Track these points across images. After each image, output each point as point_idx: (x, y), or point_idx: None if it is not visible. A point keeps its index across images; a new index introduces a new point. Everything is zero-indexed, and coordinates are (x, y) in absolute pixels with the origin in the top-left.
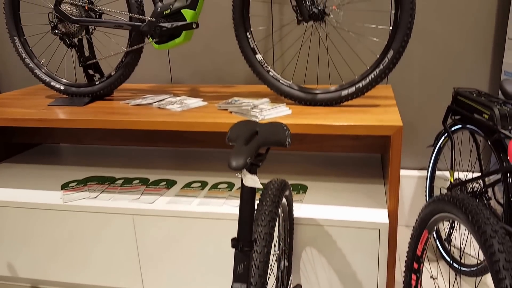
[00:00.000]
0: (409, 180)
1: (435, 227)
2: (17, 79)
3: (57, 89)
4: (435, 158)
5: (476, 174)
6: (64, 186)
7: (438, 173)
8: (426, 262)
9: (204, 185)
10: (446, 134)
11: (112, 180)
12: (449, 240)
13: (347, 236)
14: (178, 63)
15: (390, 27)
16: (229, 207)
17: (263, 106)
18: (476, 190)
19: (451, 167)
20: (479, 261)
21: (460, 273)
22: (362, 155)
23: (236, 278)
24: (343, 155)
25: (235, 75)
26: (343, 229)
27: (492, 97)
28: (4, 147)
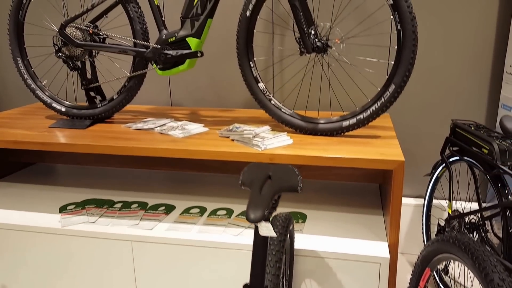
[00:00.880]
0: (406, 208)
1: (438, 266)
2: (16, 97)
3: (58, 111)
4: (432, 188)
5: (473, 204)
6: (62, 209)
7: (435, 201)
8: None
9: (203, 211)
10: (444, 165)
11: (110, 204)
12: (446, 271)
13: (347, 269)
14: (178, 85)
15: (392, 62)
16: (228, 235)
17: (265, 134)
18: (473, 222)
19: (449, 199)
20: None
21: None
22: (361, 184)
23: None
24: (341, 183)
25: (234, 99)
26: (343, 262)
27: (491, 131)
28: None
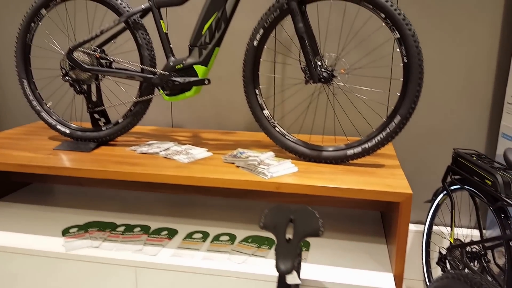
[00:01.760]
0: None
1: None
2: (18, 115)
3: (63, 133)
4: (432, 215)
5: (474, 231)
6: (65, 232)
7: (435, 228)
8: None
9: (205, 236)
10: (445, 193)
11: (113, 227)
12: None
13: None
14: (179, 107)
15: (398, 94)
16: (232, 263)
17: (269, 161)
18: (475, 252)
19: (451, 228)
20: None
21: None
22: (362, 211)
23: None
24: (342, 210)
25: (234, 121)
26: None
27: (493, 162)
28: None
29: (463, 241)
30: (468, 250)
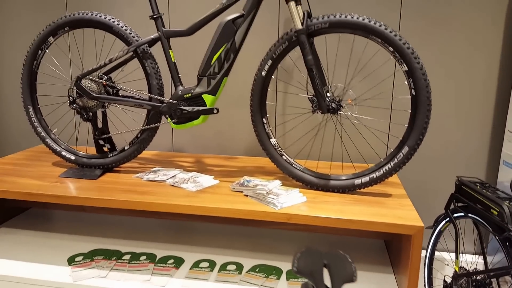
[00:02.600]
0: None
1: None
2: (18, 138)
3: (68, 159)
4: (434, 241)
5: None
6: (71, 261)
7: (437, 254)
8: None
9: (212, 265)
10: (448, 219)
11: (118, 255)
12: None
13: None
14: (180, 131)
15: (406, 125)
16: None
17: (277, 191)
18: (480, 280)
19: (456, 256)
20: None
21: None
22: (366, 239)
23: None
24: (345, 238)
25: (236, 145)
26: None
27: (497, 191)
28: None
29: (468, 268)
30: (473, 279)
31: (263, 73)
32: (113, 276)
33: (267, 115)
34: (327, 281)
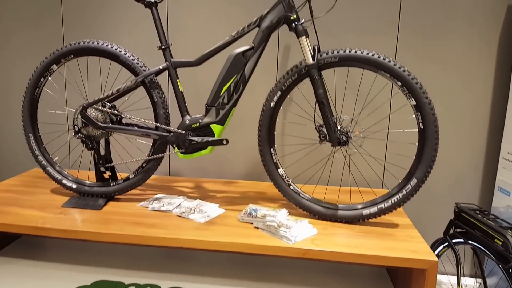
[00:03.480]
0: None
1: None
2: (11, 163)
3: (69, 187)
4: None
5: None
6: None
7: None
8: None
9: None
10: (446, 244)
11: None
12: None
13: None
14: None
15: (413, 157)
16: None
17: (287, 222)
18: None
19: (458, 283)
20: None
21: None
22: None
23: None
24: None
25: (234, 168)
26: None
27: (497, 219)
28: None
29: None
30: None
31: (272, 104)
32: None
33: (275, 145)
34: None
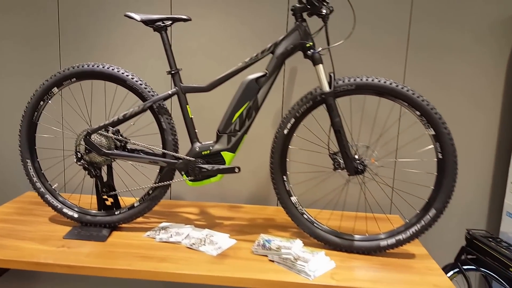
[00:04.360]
0: None
1: None
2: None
3: (70, 217)
4: None
5: None
6: None
7: None
8: None
9: None
10: (456, 270)
11: None
12: None
13: None
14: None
15: (432, 187)
16: None
17: (304, 255)
18: None
19: None
20: None
21: None
22: None
23: None
24: None
25: (236, 192)
26: None
27: (510, 247)
28: None
29: None
30: None
31: (285, 131)
32: None
33: (287, 173)
34: None
